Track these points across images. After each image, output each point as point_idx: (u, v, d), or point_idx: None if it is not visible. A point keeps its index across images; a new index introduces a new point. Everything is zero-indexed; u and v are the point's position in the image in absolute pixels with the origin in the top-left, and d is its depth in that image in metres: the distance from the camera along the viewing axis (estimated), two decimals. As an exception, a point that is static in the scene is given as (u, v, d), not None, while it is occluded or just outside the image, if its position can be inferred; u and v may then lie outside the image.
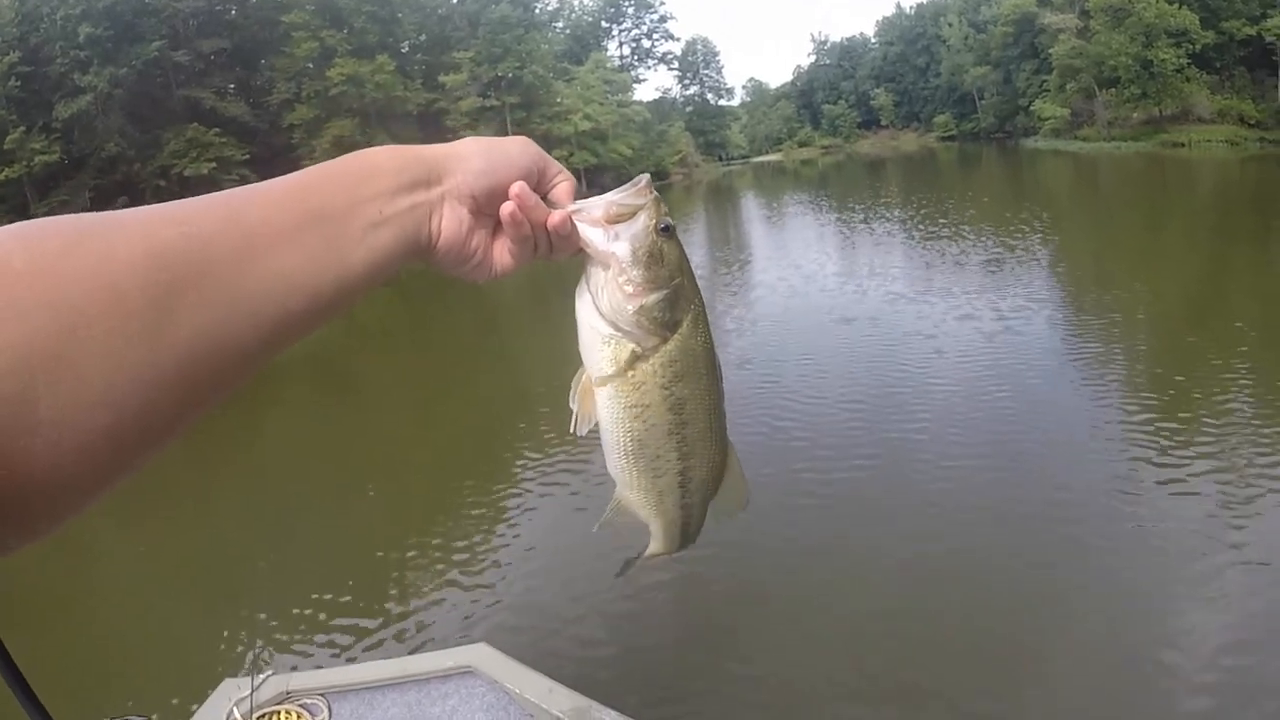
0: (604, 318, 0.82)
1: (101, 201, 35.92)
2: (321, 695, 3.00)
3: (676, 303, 0.83)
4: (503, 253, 0.79)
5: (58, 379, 0.46)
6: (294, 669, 3.74)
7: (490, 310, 22.14)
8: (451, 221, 0.73)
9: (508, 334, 18.18)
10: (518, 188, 0.75)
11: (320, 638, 5.88)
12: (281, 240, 0.60)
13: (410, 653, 3.30)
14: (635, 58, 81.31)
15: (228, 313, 0.55)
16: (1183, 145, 36.49)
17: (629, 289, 0.81)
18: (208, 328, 0.54)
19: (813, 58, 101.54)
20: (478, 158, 0.75)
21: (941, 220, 21.01)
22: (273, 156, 44.78)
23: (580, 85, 57.38)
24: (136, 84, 37.92)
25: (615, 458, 0.89)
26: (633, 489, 0.93)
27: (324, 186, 0.65)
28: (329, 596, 6.36)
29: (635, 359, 0.83)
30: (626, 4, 78.77)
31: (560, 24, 72.15)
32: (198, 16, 41.54)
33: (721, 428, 0.92)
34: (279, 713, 2.91)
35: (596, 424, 0.88)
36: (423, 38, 53.82)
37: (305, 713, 2.92)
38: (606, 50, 73.99)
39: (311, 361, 19.58)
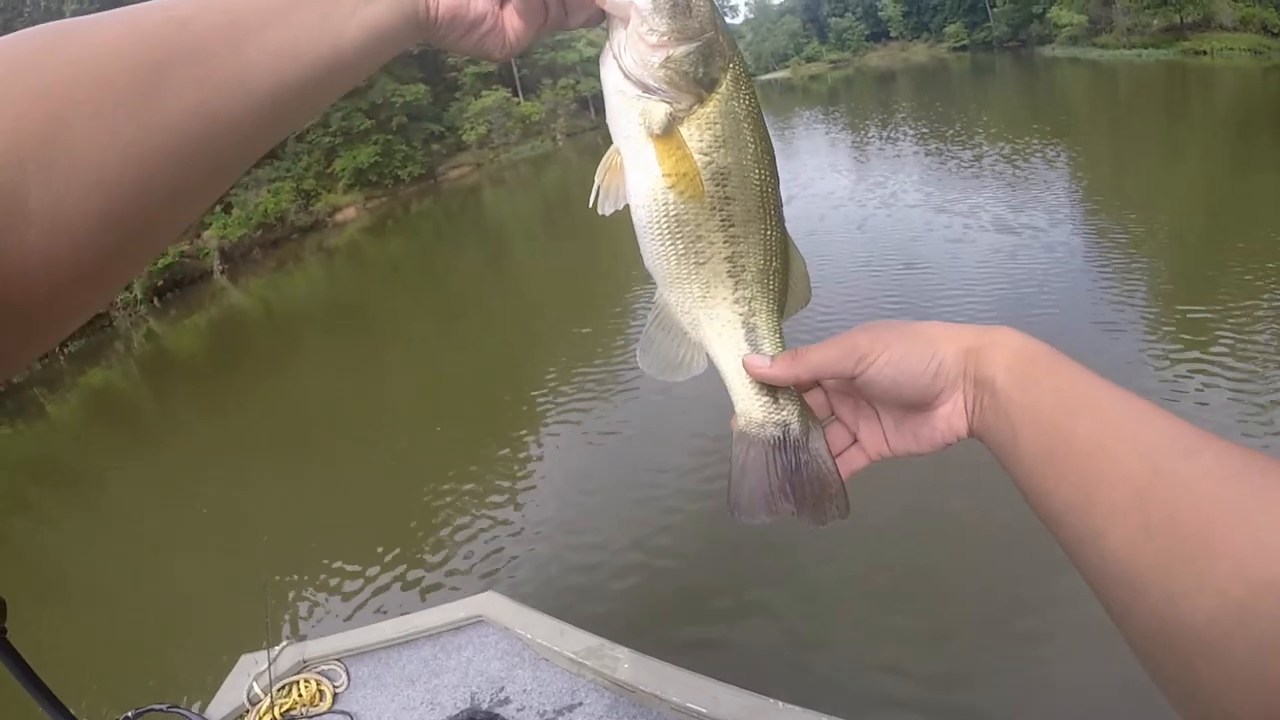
0: (630, 78, 0.75)
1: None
2: (338, 660, 3.11)
3: (710, 58, 0.75)
4: (513, 16, 0.73)
5: (48, 164, 0.46)
6: (306, 637, 3.80)
7: (497, 248, 22.11)
8: None
9: (516, 276, 18.16)
10: None
11: (334, 600, 6.19)
12: (271, 17, 0.59)
13: (422, 607, 3.51)
14: (637, -22, 79.26)
15: (217, 88, 0.55)
16: (1204, 54, 35.64)
17: (652, 39, 0.73)
18: (197, 104, 0.54)
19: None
20: None
21: (960, 135, 20.75)
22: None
23: (583, 10, 56.14)
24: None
25: (651, 243, 0.80)
26: (674, 284, 0.82)
27: None
28: (340, 558, 6.68)
29: (669, 121, 0.76)
30: (627, -78, 76.70)
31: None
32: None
33: (778, 208, 0.82)
34: (298, 682, 2.98)
35: (626, 207, 0.80)
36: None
37: (324, 679, 3.00)
38: (608, -29, 72.15)
39: (330, 307, 19.75)
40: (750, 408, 0.83)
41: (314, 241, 38.72)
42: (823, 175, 18.17)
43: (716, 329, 0.82)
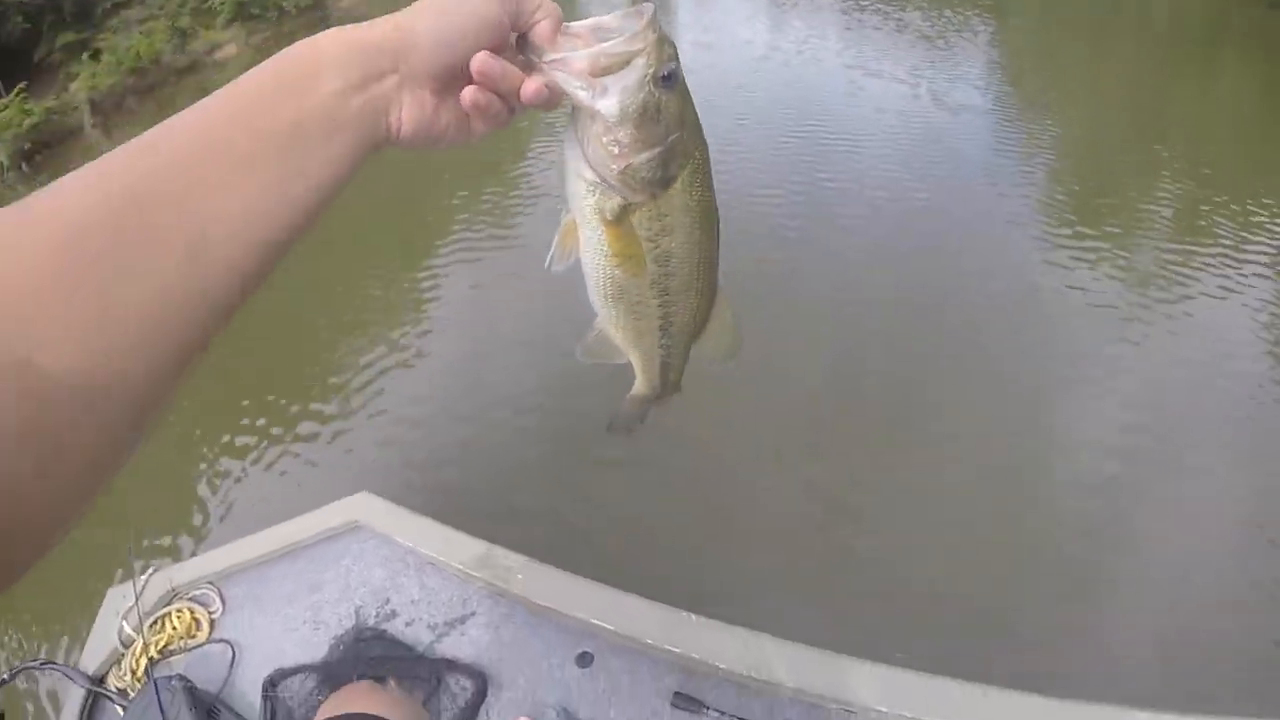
0: (590, 166, 0.76)
1: None
2: (210, 584, 2.81)
3: (671, 159, 0.76)
4: (476, 121, 0.71)
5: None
6: (173, 560, 3.45)
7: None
8: (413, 110, 0.65)
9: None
10: (479, 63, 0.66)
11: (196, 508, 5.58)
12: (230, 172, 0.54)
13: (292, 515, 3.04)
14: None
15: (184, 268, 0.50)
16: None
17: (614, 150, 0.73)
18: (163, 289, 0.49)
19: None
20: (430, 30, 0.65)
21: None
22: None
23: None
24: None
25: (596, 297, 0.89)
26: (612, 326, 0.93)
27: (266, 100, 0.59)
28: (199, 465, 5.96)
29: (622, 212, 0.78)
30: None
31: None
32: None
33: (710, 280, 0.90)
34: (170, 614, 2.70)
35: (576, 261, 0.86)
36: None
37: (198, 606, 2.73)
38: None
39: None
40: (646, 391, 1.05)
41: (193, 84, 35.86)
42: (739, 25, 16.75)
43: (641, 360, 0.99)
